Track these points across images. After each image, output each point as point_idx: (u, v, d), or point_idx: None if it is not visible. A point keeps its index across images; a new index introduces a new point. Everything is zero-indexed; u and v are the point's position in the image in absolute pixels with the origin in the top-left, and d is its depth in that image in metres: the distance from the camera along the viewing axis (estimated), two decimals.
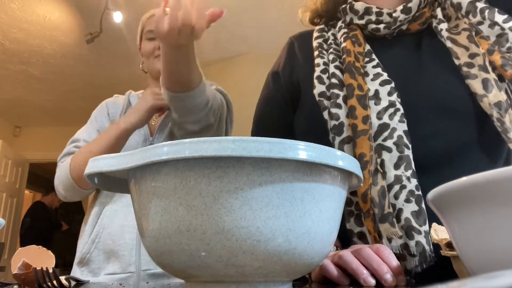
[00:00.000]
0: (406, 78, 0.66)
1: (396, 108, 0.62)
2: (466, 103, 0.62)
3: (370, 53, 0.70)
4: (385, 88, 0.64)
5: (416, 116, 0.62)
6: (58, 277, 0.53)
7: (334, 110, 0.65)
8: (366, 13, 0.72)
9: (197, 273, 0.39)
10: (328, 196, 0.40)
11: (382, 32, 0.72)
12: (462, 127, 0.63)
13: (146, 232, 0.41)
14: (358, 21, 0.74)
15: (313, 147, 0.37)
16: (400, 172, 0.58)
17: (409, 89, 0.65)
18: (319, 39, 0.77)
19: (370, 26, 0.72)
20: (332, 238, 0.43)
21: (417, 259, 0.56)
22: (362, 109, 0.62)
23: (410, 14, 0.70)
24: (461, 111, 0.62)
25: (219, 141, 0.35)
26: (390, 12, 0.71)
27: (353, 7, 0.74)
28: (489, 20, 0.63)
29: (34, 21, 3.05)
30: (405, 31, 0.72)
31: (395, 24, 0.71)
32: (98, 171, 0.43)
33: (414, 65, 0.69)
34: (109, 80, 4.01)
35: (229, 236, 0.36)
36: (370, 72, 0.67)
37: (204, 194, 0.36)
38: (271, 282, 0.41)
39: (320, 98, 0.68)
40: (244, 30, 3.01)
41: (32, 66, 3.71)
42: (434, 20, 0.71)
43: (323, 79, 0.69)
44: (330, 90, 0.67)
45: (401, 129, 0.60)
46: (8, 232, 4.78)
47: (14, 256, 0.61)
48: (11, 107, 4.70)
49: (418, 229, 0.56)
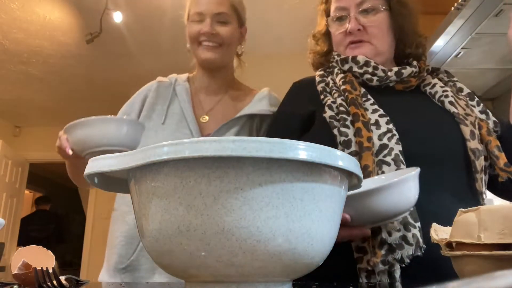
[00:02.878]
0: (400, 112, 0.81)
1: (393, 133, 0.76)
2: (454, 140, 0.79)
3: (366, 94, 0.84)
4: (383, 119, 0.78)
5: (409, 138, 0.77)
6: (58, 277, 0.53)
7: (343, 129, 0.78)
8: (366, 65, 0.87)
9: (197, 273, 0.39)
10: (328, 196, 0.40)
11: (374, 83, 0.87)
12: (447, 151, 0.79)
13: (146, 232, 0.41)
14: (357, 69, 0.88)
15: (313, 147, 0.37)
16: None
17: (404, 118, 0.80)
18: (322, 84, 0.90)
19: (366, 76, 0.87)
20: (332, 238, 0.43)
21: (413, 247, 0.67)
22: (367, 131, 0.75)
23: (400, 77, 0.87)
24: (448, 140, 0.79)
25: (219, 141, 0.35)
26: (385, 69, 0.87)
27: (356, 58, 0.88)
28: (479, 107, 0.85)
29: (34, 21, 3.05)
30: (391, 87, 0.89)
31: (385, 80, 0.87)
32: (98, 171, 0.43)
33: (406, 105, 0.85)
34: (109, 80, 4.01)
35: (229, 236, 0.36)
36: (369, 108, 0.81)
37: (204, 194, 0.36)
38: (271, 282, 0.41)
39: (331, 120, 0.81)
40: None
41: (32, 66, 3.70)
42: (426, 86, 0.89)
43: (333, 107, 0.83)
44: (339, 115, 0.80)
45: (398, 149, 0.74)
46: (8, 232, 4.77)
47: (14, 256, 0.61)
48: (11, 107, 4.70)
49: (414, 224, 0.69)
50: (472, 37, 1.77)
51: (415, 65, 0.89)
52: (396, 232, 0.68)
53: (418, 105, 0.86)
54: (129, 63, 3.53)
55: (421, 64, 0.90)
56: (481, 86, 2.26)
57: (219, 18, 1.12)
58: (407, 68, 0.88)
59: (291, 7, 2.70)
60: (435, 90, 0.87)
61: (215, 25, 1.12)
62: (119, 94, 4.14)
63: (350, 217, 0.61)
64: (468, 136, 0.78)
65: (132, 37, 3.14)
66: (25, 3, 2.86)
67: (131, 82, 3.91)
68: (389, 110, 0.81)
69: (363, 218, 0.62)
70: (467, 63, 2.00)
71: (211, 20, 1.12)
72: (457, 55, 1.92)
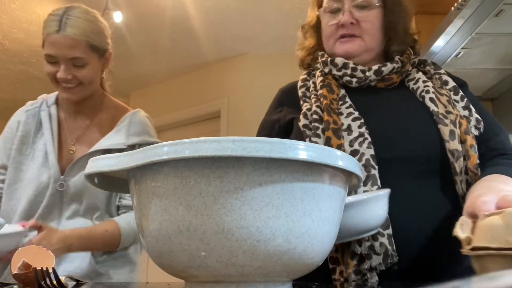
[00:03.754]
0: (377, 114, 0.80)
1: (364, 137, 0.75)
2: (431, 140, 0.76)
3: (344, 97, 0.83)
4: (356, 123, 0.77)
5: (383, 142, 0.76)
6: (58, 277, 0.53)
7: (314, 139, 0.77)
8: (344, 67, 0.86)
9: (197, 273, 0.39)
10: (328, 196, 0.40)
11: (354, 85, 0.86)
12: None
13: (146, 232, 0.41)
14: (336, 72, 0.87)
15: (313, 147, 0.37)
16: (367, 188, 0.70)
17: (379, 120, 0.79)
18: (303, 88, 0.90)
19: (345, 78, 0.86)
20: (332, 238, 0.43)
21: (381, 257, 0.66)
22: (336, 139, 0.75)
23: (380, 76, 0.85)
24: (423, 141, 0.76)
25: (219, 141, 0.35)
26: (364, 69, 0.85)
27: (334, 61, 0.87)
28: (463, 102, 0.82)
29: (34, 21, 3.05)
30: (372, 86, 0.87)
31: (365, 80, 0.85)
32: (98, 171, 0.43)
33: (385, 105, 0.83)
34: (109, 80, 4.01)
35: (229, 236, 0.36)
36: (344, 111, 0.80)
37: (204, 194, 0.36)
38: (271, 282, 0.41)
39: (304, 129, 0.80)
40: (244, 30, 3.01)
41: (32, 66, 3.70)
42: (410, 81, 0.87)
43: (308, 115, 0.82)
44: (312, 124, 0.80)
45: (369, 154, 0.73)
46: None
47: (14, 256, 0.61)
48: (11, 107, 4.70)
49: (382, 233, 0.67)
50: (472, 37, 1.77)
51: (397, 60, 0.86)
52: (366, 242, 0.67)
53: (398, 104, 0.83)
54: (129, 63, 3.53)
55: (404, 58, 0.87)
56: (481, 86, 2.26)
57: (75, 62, 1.05)
58: (387, 65, 0.85)
59: (291, 7, 2.70)
60: (417, 85, 0.84)
61: (71, 69, 1.06)
62: (119, 94, 4.14)
63: None
64: (447, 136, 0.74)
65: (132, 37, 3.13)
66: (25, 3, 2.86)
67: (131, 82, 3.91)
68: (366, 111, 0.79)
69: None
70: (467, 63, 1.99)
71: (65, 65, 1.05)
72: (457, 55, 1.92)
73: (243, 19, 2.87)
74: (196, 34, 3.00)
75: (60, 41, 1.04)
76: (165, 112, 3.63)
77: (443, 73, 0.88)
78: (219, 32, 3.02)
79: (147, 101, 3.79)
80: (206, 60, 3.39)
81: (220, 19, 2.85)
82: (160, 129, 3.76)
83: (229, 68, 3.37)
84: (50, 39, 1.05)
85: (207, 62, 3.43)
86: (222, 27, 2.95)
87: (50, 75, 1.08)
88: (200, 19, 2.85)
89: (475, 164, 0.74)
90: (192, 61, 3.41)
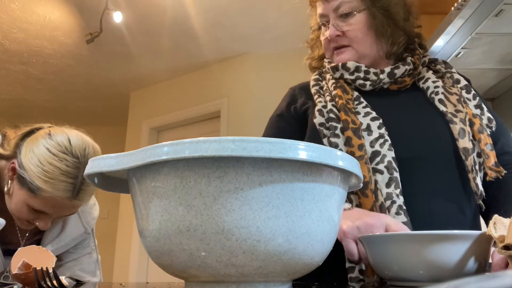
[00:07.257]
0: (393, 114, 0.80)
1: (385, 139, 0.75)
2: (445, 140, 0.77)
3: (358, 98, 0.83)
4: (375, 123, 0.77)
5: (401, 142, 0.76)
6: (58, 277, 0.53)
7: (333, 139, 0.77)
8: (356, 70, 0.85)
9: (197, 273, 0.39)
10: (328, 196, 0.40)
11: (367, 88, 0.86)
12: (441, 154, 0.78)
13: (146, 232, 0.41)
14: (348, 76, 0.86)
15: (313, 147, 0.37)
16: (391, 190, 0.71)
17: (395, 121, 0.79)
18: (316, 87, 0.91)
19: (358, 81, 0.86)
20: (332, 238, 0.43)
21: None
22: (357, 139, 0.74)
23: (393, 78, 0.86)
24: (439, 143, 0.78)
25: (219, 141, 0.35)
26: (377, 72, 0.85)
27: (346, 65, 0.86)
28: (475, 101, 0.82)
29: (34, 21, 3.04)
30: (385, 89, 0.87)
31: (379, 83, 0.86)
32: (98, 171, 0.43)
33: (399, 107, 0.83)
34: (109, 80, 4.01)
35: (229, 236, 0.36)
36: (361, 111, 0.80)
37: (204, 194, 0.36)
38: (271, 282, 0.41)
39: (320, 128, 0.80)
40: (244, 30, 3.01)
41: (32, 66, 3.70)
42: (420, 80, 0.87)
43: (323, 112, 0.81)
44: (329, 123, 0.79)
45: (390, 156, 0.73)
46: None
47: (14, 256, 0.61)
48: (11, 107, 4.70)
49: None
50: (472, 37, 1.76)
51: (409, 62, 0.86)
52: None
53: (411, 105, 0.84)
54: (129, 63, 3.53)
55: (415, 60, 0.87)
56: (481, 86, 2.26)
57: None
58: (400, 67, 0.85)
59: (291, 7, 2.70)
60: (427, 85, 0.85)
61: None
62: (119, 94, 4.15)
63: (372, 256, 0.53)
64: (457, 135, 0.76)
65: (132, 37, 3.13)
66: (25, 3, 2.86)
67: (131, 82, 3.91)
68: (381, 113, 0.79)
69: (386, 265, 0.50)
70: (467, 63, 1.99)
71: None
72: (457, 55, 1.92)
73: (243, 19, 2.87)
74: (196, 34, 3.00)
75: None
76: (165, 112, 3.63)
77: (454, 72, 0.89)
78: (219, 32, 3.02)
79: (147, 101, 3.80)
80: (206, 60, 3.39)
81: (220, 19, 2.85)
82: (160, 129, 3.76)
83: (229, 68, 3.37)
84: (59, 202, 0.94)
85: (207, 62, 3.43)
86: (222, 27, 2.95)
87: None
88: (200, 19, 2.85)
89: (495, 162, 0.75)
90: (192, 61, 3.41)
